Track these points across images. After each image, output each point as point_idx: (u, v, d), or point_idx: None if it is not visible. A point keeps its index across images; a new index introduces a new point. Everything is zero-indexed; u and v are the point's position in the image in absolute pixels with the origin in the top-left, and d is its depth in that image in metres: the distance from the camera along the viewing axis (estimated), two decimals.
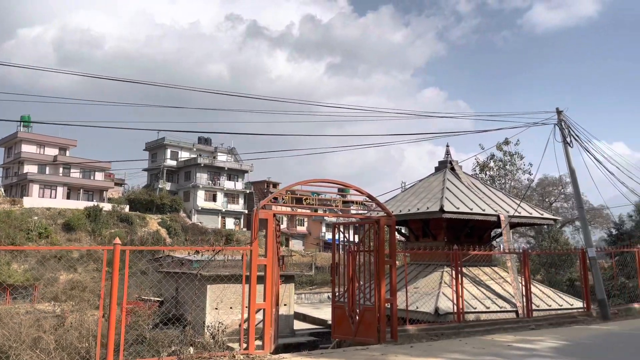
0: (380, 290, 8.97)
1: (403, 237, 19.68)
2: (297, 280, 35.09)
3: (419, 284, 14.88)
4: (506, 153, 37.85)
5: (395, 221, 9.81)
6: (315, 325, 20.49)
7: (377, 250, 9.17)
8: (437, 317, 12.78)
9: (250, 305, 7.71)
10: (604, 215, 50.38)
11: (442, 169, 18.12)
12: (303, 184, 8.71)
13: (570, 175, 14.67)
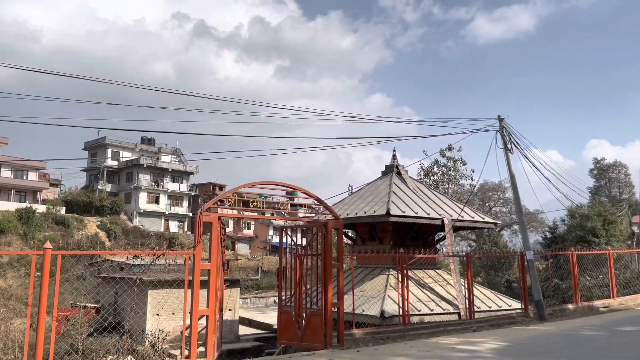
0: (328, 295, 8.86)
1: (350, 240, 19.74)
2: (243, 284, 34.53)
3: (366, 287, 14.92)
4: (449, 159, 38.90)
5: (343, 224, 9.75)
6: (261, 330, 20.20)
7: (325, 253, 9.06)
8: (382, 320, 12.84)
9: (193, 311, 7.39)
10: (539, 219, 52.95)
11: (388, 173, 18.32)
12: (250, 186, 8.48)
13: (510, 181, 15.19)
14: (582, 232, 25.87)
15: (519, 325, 12.61)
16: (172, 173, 65.03)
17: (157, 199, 62.28)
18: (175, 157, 66.91)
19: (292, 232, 10.04)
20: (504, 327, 12.24)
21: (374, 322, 12.62)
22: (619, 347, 9.36)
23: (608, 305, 16.12)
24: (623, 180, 71.26)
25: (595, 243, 24.93)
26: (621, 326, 11.79)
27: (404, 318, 11.79)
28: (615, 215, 29.60)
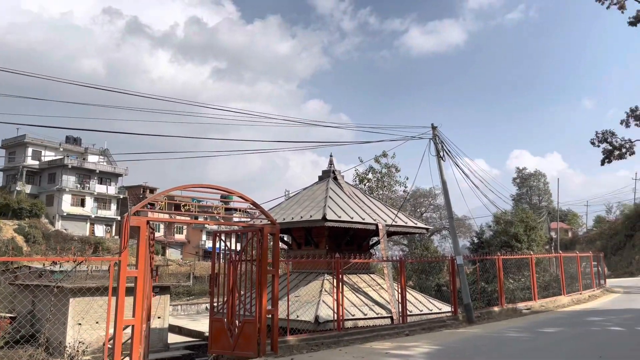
0: (262, 301, 8.63)
1: (286, 245, 19.57)
2: (173, 291, 33.32)
3: (301, 292, 14.79)
4: (384, 165, 39.71)
5: (279, 229, 9.56)
6: (192, 337, 19.53)
7: (260, 259, 8.83)
8: (317, 326, 12.75)
9: (117, 321, 6.93)
10: (467, 224, 55.21)
11: (325, 179, 18.34)
12: (182, 188, 8.11)
13: (442, 187, 15.64)
14: (506, 237, 27.21)
15: (449, 328, 12.93)
16: (100, 174, 61.92)
17: (82, 201, 59.03)
18: (103, 157, 63.77)
19: (226, 237, 9.72)
20: (435, 331, 12.51)
21: (309, 328, 12.50)
22: (541, 348, 9.79)
23: (530, 307, 16.94)
24: (542, 189, 75.97)
25: (517, 248, 26.30)
26: (543, 327, 12.39)
27: (338, 323, 11.75)
28: (536, 221, 31.40)
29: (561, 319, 14.36)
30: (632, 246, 53.41)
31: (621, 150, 30.97)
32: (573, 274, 22.05)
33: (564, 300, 19.17)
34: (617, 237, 57.43)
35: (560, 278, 20.34)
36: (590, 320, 13.70)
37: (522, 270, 21.29)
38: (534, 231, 28.54)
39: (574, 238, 69.47)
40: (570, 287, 21.04)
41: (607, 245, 56.43)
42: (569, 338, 10.69)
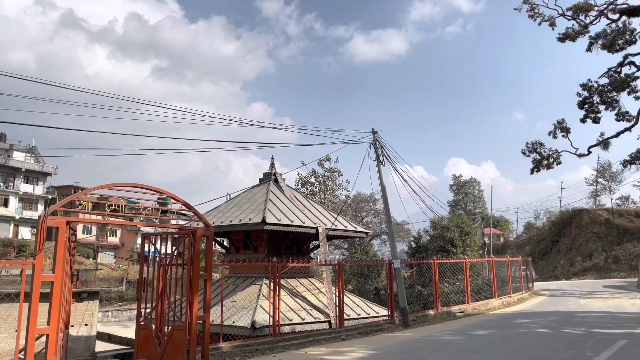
0: (193, 307, 8.24)
1: (224, 249, 19.14)
2: (104, 296, 31.79)
3: (237, 297, 14.45)
4: (327, 169, 39.88)
5: (213, 232, 9.19)
6: (122, 345, 18.66)
7: (192, 263, 8.44)
8: (253, 331, 12.49)
9: (29, 329, 6.35)
10: (405, 229, 56.43)
11: (266, 181, 18.08)
12: (108, 187, 7.59)
13: (381, 192, 15.74)
14: (442, 242, 27.87)
15: (385, 332, 12.99)
16: (26, 173, 58.25)
17: (5, 201, 55.28)
18: (30, 155, 60.08)
19: (155, 240, 9.23)
20: (372, 335, 12.52)
21: (245, 334, 12.23)
22: (473, 350, 9.99)
23: (463, 310, 17.39)
24: (477, 195, 79.07)
25: (453, 252, 27.01)
26: (475, 330, 12.70)
27: (274, 329, 11.50)
28: (471, 227, 32.44)
29: (492, 321, 14.80)
30: (557, 251, 56.53)
31: (549, 160, 32.66)
32: (504, 277, 22.91)
33: (495, 303, 19.84)
34: (544, 242, 60.61)
35: (492, 282, 21.06)
36: (519, 322, 14.20)
37: (457, 274, 21.86)
38: (468, 236, 29.44)
39: (505, 243, 72.69)
40: (501, 291, 21.84)
41: (535, 250, 59.42)
42: (499, 341, 10.98)
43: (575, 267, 50.76)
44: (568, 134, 32.37)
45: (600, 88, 31.61)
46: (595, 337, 10.57)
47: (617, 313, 16.10)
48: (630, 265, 45.20)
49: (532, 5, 33.17)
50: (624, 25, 31.07)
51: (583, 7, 31.76)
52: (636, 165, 32.39)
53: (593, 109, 31.84)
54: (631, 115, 31.54)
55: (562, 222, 60.39)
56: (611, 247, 50.36)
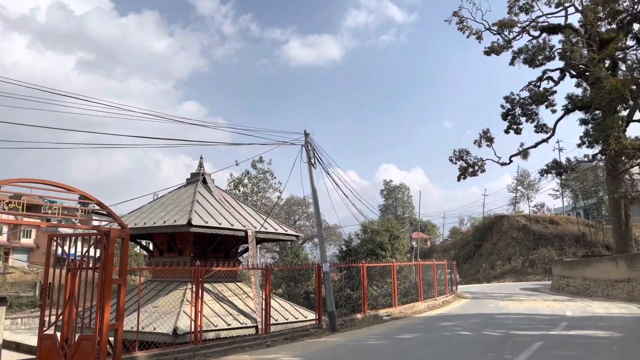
0: (104, 314, 7.61)
1: (147, 251, 18.29)
2: (13, 302, 29.48)
3: (160, 302, 13.77)
4: (260, 171, 39.41)
5: (129, 233, 8.58)
6: (31, 355, 17.29)
7: (104, 267, 7.81)
8: (176, 338, 11.94)
9: None
10: (337, 233, 56.89)
11: (194, 182, 17.46)
12: (7, 182, 6.84)
13: (312, 194, 15.60)
14: (372, 246, 28.23)
15: (312, 337, 12.80)
16: None
17: None
18: None
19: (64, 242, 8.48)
20: (298, 341, 12.30)
21: (168, 341, 11.64)
22: (398, 355, 10.00)
23: (390, 313, 17.58)
24: (406, 201, 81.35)
25: (382, 256, 27.43)
26: (400, 334, 12.80)
27: (196, 335, 10.99)
28: (399, 231, 33.15)
29: (418, 324, 15.04)
30: (480, 255, 59.16)
31: (474, 167, 34.15)
32: (430, 281, 23.50)
33: (420, 306, 20.26)
34: (468, 247, 63.27)
35: (419, 285, 21.52)
36: (443, 325, 14.50)
37: (385, 278, 22.16)
38: (397, 240, 30.02)
39: (432, 247, 75.18)
40: (427, 294, 22.38)
41: (460, 254, 61.87)
42: (423, 344, 11.10)
43: (495, 271, 53.29)
44: (492, 144, 34.06)
45: (521, 101, 33.49)
46: (514, 339, 10.93)
47: (533, 315, 16.89)
48: (544, 269, 48.09)
49: (461, 18, 34.70)
50: (544, 42, 33.13)
51: (507, 23, 33.56)
52: (552, 174, 34.65)
53: (515, 120, 33.68)
54: (548, 128, 33.68)
55: (485, 228, 63.30)
56: (528, 251, 53.37)
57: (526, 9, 33.34)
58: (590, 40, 30.50)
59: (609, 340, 10.71)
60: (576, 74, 32.89)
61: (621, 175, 30.22)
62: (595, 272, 27.93)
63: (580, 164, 35.87)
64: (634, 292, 22.70)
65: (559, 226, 56.93)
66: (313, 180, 15.30)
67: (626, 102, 28.28)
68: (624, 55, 30.98)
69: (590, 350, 9.55)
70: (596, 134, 28.64)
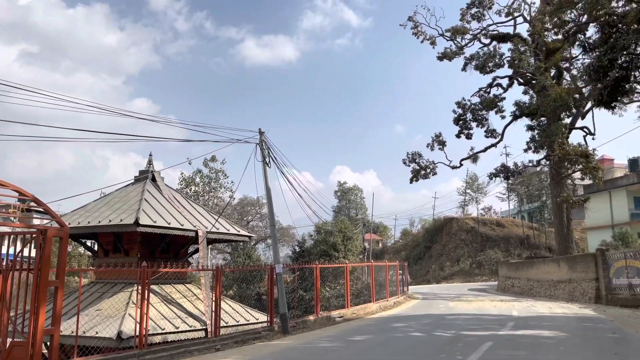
0: (39, 319, 7.08)
1: (91, 252, 17.50)
2: None
3: (104, 305, 13.18)
4: (212, 170, 38.62)
5: (68, 232, 8.05)
6: None
7: (40, 268, 7.27)
8: (120, 342, 11.44)
9: None
10: (291, 234, 56.63)
11: (142, 180, 16.83)
12: None
13: (266, 194, 15.32)
14: (325, 247, 28.17)
15: (263, 340, 12.52)
16: None
17: None
18: None
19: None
20: (249, 344, 11.99)
21: (111, 346, 11.11)
22: (350, 357, 9.90)
23: (343, 315, 17.51)
24: (359, 202, 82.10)
25: (335, 257, 27.41)
26: (353, 336, 12.71)
27: (140, 339, 10.50)
28: (353, 232, 33.26)
29: (370, 326, 15.02)
30: (430, 256, 60.42)
31: (426, 170, 34.81)
32: (382, 282, 23.66)
33: (372, 307, 20.33)
34: (419, 248, 64.50)
35: (371, 286, 21.61)
36: (395, 326, 14.54)
37: (338, 279, 22.14)
38: (350, 241, 30.10)
39: (383, 248, 76.17)
40: (379, 294, 22.50)
41: (411, 255, 62.97)
42: (376, 346, 11.04)
43: (444, 272, 54.55)
44: (444, 147, 34.86)
45: (472, 106, 34.42)
46: (464, 340, 11.05)
47: (481, 315, 17.25)
48: (491, 270, 49.61)
49: (416, 23, 35.33)
50: (494, 50, 34.19)
51: (460, 30, 34.42)
52: (500, 178, 35.78)
53: (466, 125, 34.57)
54: (497, 133, 34.77)
55: (435, 229, 64.73)
56: (476, 253, 54.95)
57: (478, 17, 34.32)
58: (537, 50, 31.69)
59: (554, 340, 11.01)
60: (524, 82, 34.10)
61: (564, 180, 31.54)
62: (539, 273, 28.99)
63: (526, 169, 37.20)
64: (575, 292, 23.67)
65: (505, 229, 58.93)
66: (267, 179, 15.04)
67: (570, 110, 29.52)
68: (568, 65, 32.40)
69: (537, 350, 9.76)
70: (541, 140, 29.74)
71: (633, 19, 11.89)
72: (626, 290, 19.77)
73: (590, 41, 14.47)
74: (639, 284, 18.86)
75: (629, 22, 11.89)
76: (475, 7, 34.09)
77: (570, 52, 31.44)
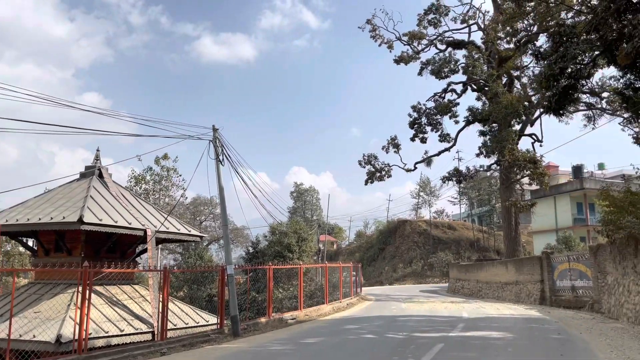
0: None
1: (30, 250, 16.62)
2: None
3: (43, 307, 12.49)
4: (164, 168, 37.61)
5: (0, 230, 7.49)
6: None
7: None
8: (59, 346, 10.84)
9: None
10: (245, 234, 55.91)
11: (88, 176, 16.10)
12: None
13: (219, 192, 14.93)
14: (280, 248, 27.84)
15: (212, 343, 12.14)
16: None
17: None
18: None
19: None
20: (197, 347, 11.58)
21: (49, 350, 10.51)
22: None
23: (295, 317, 17.29)
24: (315, 204, 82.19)
25: (289, 258, 27.14)
26: (305, 338, 12.51)
27: (79, 343, 9.96)
28: (307, 233, 33.10)
29: (323, 328, 14.87)
30: (383, 258, 61.08)
31: (381, 172, 35.13)
32: (335, 283, 23.62)
33: (326, 309, 20.22)
34: (372, 249, 65.10)
35: (325, 287, 21.50)
36: (348, 328, 14.46)
37: (292, 280, 21.88)
38: (305, 242, 29.88)
39: (338, 250, 76.46)
40: (332, 296, 22.43)
41: (364, 256, 63.46)
42: (328, 348, 10.90)
43: (397, 273, 55.27)
44: (399, 150, 35.32)
45: (427, 111, 35.02)
46: (416, 342, 11.06)
47: (433, 317, 17.44)
48: (442, 272, 50.66)
49: (374, 26, 35.62)
50: (449, 56, 34.91)
51: (417, 35, 34.96)
52: (452, 182, 36.55)
53: (421, 129, 35.12)
54: (451, 137, 35.52)
55: (389, 231, 65.50)
56: (428, 255, 55.98)
57: (434, 23, 34.96)
58: (490, 57, 32.60)
59: (503, 341, 11.19)
60: (477, 89, 35.01)
61: (513, 185, 32.54)
62: (488, 275, 29.76)
63: (477, 173, 38.18)
64: (521, 293, 24.40)
65: (456, 231, 60.36)
66: (220, 177, 14.64)
67: (520, 117, 30.51)
68: (519, 73, 33.51)
69: (487, 351, 9.87)
70: (493, 146, 30.57)
71: (582, 29, 12.29)
72: (569, 291, 20.51)
73: (541, 50, 14.88)
74: (581, 285, 19.59)
75: (578, 33, 12.29)
76: (432, 13, 34.71)
77: (522, 60, 32.53)
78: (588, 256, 18.75)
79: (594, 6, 12.32)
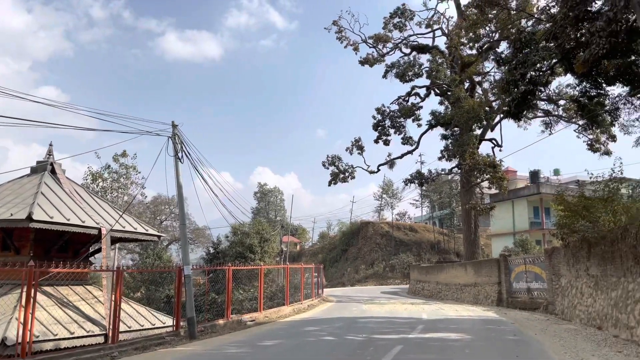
0: None
1: None
2: None
3: None
4: (122, 165, 36.57)
5: None
6: None
7: None
8: (5, 349, 10.35)
9: None
10: (206, 235, 55.03)
11: (40, 171, 15.45)
12: None
13: (177, 190, 14.52)
14: (241, 249, 27.47)
15: (167, 346, 11.76)
16: None
17: None
18: None
19: None
20: (150, 350, 11.19)
21: None
22: None
23: (255, 318, 17.03)
24: (279, 204, 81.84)
25: (251, 259, 26.81)
26: (263, 340, 12.28)
27: (23, 347, 9.46)
28: (270, 234, 32.80)
29: (282, 330, 14.67)
30: (345, 259, 61.30)
31: (345, 174, 35.20)
32: (297, 284, 23.44)
33: (286, 310, 20.02)
34: (335, 251, 65.28)
35: (286, 289, 21.30)
36: (308, 330, 14.31)
37: (253, 281, 21.57)
38: (267, 243, 29.60)
39: (301, 251, 76.30)
40: (294, 297, 22.25)
41: (327, 257, 63.56)
42: (286, 351, 10.72)
43: (359, 274, 55.56)
44: (363, 152, 35.49)
45: (391, 113, 35.31)
46: (376, 344, 11.01)
47: (393, 318, 17.49)
48: (403, 273, 51.22)
49: (340, 28, 35.70)
50: (414, 60, 35.33)
51: (382, 37, 35.23)
52: (415, 184, 36.97)
53: (385, 131, 35.39)
54: (414, 140, 35.93)
55: (351, 233, 65.83)
56: (389, 256, 56.52)
57: (400, 27, 35.31)
58: (453, 62, 33.16)
59: (461, 342, 11.27)
60: (440, 93, 35.55)
61: (473, 189, 33.18)
62: (447, 277, 30.20)
63: (439, 176, 38.76)
64: (479, 295, 24.85)
65: (417, 234, 61.18)
66: (179, 175, 14.24)
67: (481, 122, 31.14)
68: (481, 79, 34.23)
69: (445, 353, 9.91)
70: (454, 149, 31.09)
71: (542, 37, 12.58)
72: (525, 293, 21.00)
73: (503, 56, 15.18)
74: (536, 287, 20.07)
75: (538, 40, 12.58)
76: (398, 16, 35.06)
77: (484, 66, 33.24)
78: (543, 259, 19.22)
79: (553, 14, 12.64)
